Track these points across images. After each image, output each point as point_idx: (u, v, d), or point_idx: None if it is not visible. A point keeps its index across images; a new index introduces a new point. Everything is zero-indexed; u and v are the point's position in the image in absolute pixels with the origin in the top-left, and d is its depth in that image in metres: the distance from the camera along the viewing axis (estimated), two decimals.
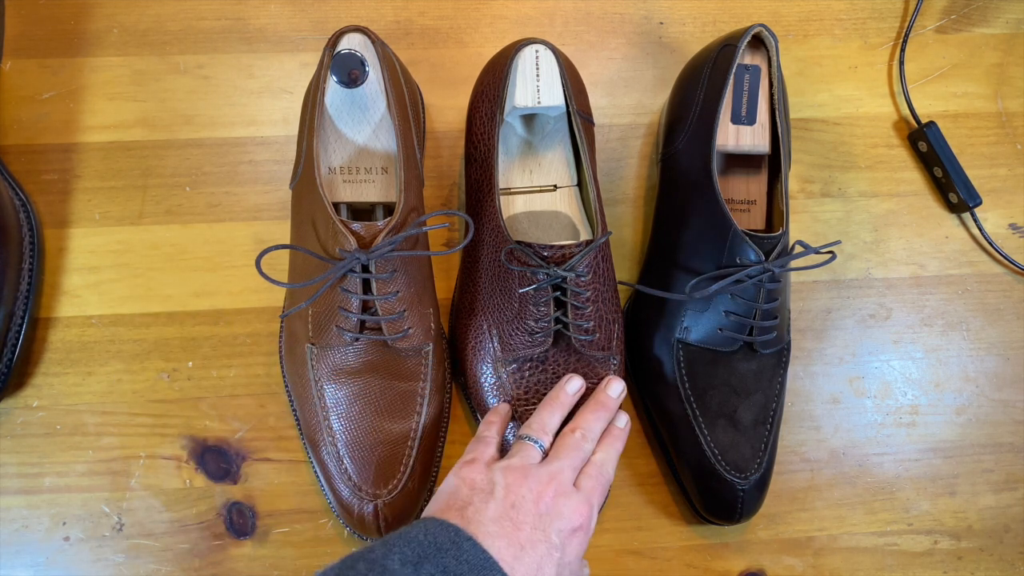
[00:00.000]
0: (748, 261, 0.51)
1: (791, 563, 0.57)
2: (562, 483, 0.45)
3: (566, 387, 0.51)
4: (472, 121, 0.56)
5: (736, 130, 0.56)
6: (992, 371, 0.61)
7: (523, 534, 0.42)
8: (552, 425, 0.50)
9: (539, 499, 0.44)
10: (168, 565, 0.54)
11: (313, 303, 0.50)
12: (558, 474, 0.46)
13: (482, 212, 0.54)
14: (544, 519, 0.43)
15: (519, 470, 0.45)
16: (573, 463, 0.47)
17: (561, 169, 0.58)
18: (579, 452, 0.48)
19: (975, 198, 0.61)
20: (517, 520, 0.43)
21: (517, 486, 0.44)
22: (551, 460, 0.47)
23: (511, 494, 0.44)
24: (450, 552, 0.39)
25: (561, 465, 0.46)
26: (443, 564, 0.39)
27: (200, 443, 0.56)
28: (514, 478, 0.45)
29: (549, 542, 0.43)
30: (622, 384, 0.52)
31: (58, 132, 0.59)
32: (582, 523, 0.45)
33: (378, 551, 0.39)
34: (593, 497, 0.46)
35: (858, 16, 0.66)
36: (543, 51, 0.53)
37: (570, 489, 0.46)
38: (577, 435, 0.49)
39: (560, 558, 0.43)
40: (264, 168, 0.60)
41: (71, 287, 0.57)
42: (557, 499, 0.44)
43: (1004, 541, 0.58)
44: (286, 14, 0.63)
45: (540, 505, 0.44)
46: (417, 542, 0.40)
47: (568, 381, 0.52)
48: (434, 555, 0.39)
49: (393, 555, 0.39)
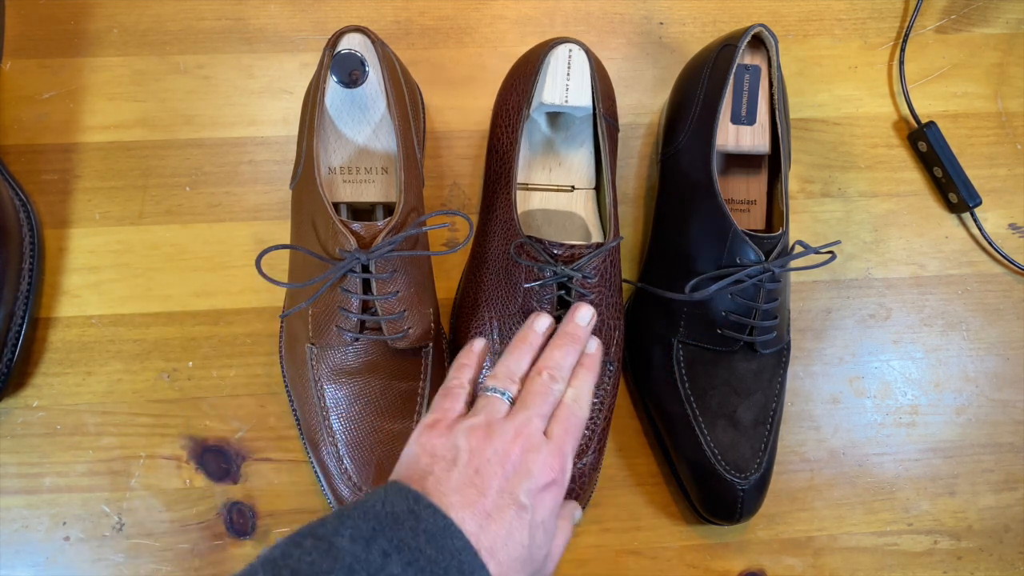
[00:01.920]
0: (748, 261, 0.51)
1: (791, 563, 0.57)
2: (530, 436, 0.43)
3: (534, 326, 0.49)
4: (498, 112, 0.57)
5: (736, 130, 0.56)
6: (992, 371, 0.61)
7: (489, 501, 0.40)
8: (519, 371, 0.47)
9: (505, 459, 0.41)
10: (168, 565, 0.54)
11: (313, 303, 0.50)
12: (525, 427, 0.43)
13: (496, 204, 0.54)
14: (511, 480, 0.41)
15: (482, 429, 0.43)
16: (541, 410, 0.44)
17: (581, 170, 0.58)
18: (548, 396, 0.45)
19: (975, 198, 0.61)
20: (482, 486, 0.40)
21: (481, 449, 0.42)
22: (517, 411, 0.44)
23: (475, 458, 0.41)
24: (407, 523, 0.37)
25: (528, 415, 0.44)
26: (398, 537, 0.37)
27: (200, 443, 0.56)
28: (477, 440, 0.42)
29: (518, 504, 0.40)
30: (591, 310, 0.50)
31: (58, 132, 0.59)
32: (554, 477, 0.42)
33: (330, 525, 0.37)
34: (566, 444, 0.44)
35: (858, 16, 0.66)
36: (576, 51, 0.53)
37: (539, 441, 0.43)
38: (544, 376, 0.46)
39: (531, 519, 0.41)
40: (264, 168, 0.60)
41: (71, 287, 0.57)
42: (525, 455, 0.42)
43: (1004, 541, 0.58)
44: (286, 14, 0.63)
45: (507, 466, 0.41)
46: (373, 513, 0.38)
47: (536, 319, 0.49)
48: (389, 527, 0.37)
49: (344, 530, 0.37)
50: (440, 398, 0.46)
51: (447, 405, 0.46)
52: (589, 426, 0.52)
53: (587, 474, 0.52)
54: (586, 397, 0.47)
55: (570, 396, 0.46)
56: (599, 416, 0.53)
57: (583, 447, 0.52)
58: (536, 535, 0.41)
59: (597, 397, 0.53)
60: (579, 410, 0.46)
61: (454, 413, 0.45)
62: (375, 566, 0.35)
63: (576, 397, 0.46)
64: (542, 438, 0.43)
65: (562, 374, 0.46)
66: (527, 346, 0.48)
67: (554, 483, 0.42)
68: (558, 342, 0.48)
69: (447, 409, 0.45)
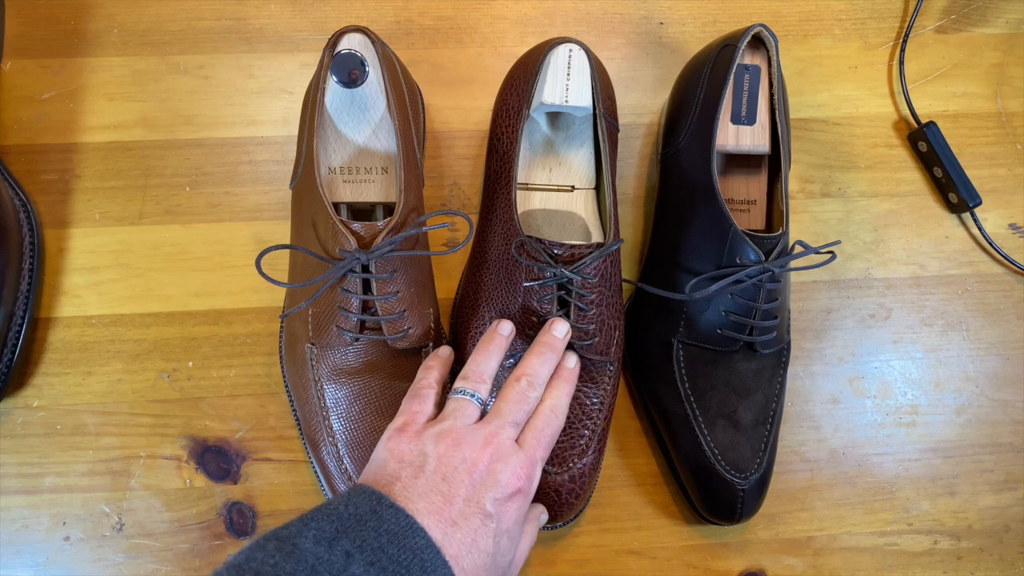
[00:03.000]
0: (748, 261, 0.51)
1: (791, 563, 0.57)
2: (500, 445, 0.43)
3: (499, 329, 0.49)
4: (498, 112, 0.57)
5: (736, 130, 0.56)
6: (992, 371, 0.61)
7: (454, 508, 0.40)
8: (489, 371, 0.47)
9: (473, 467, 0.42)
10: (168, 565, 0.54)
11: (313, 303, 0.50)
12: (495, 436, 0.43)
13: (497, 204, 0.54)
14: (478, 488, 0.41)
15: (451, 435, 0.43)
16: (515, 418, 0.45)
17: (581, 170, 0.58)
18: (523, 404, 0.45)
19: (975, 198, 0.61)
20: (448, 494, 0.40)
21: (449, 456, 0.42)
22: (491, 418, 0.44)
23: (442, 466, 0.41)
24: (369, 524, 0.38)
25: (502, 423, 0.44)
26: (361, 538, 0.37)
27: (200, 443, 0.56)
28: (446, 447, 0.42)
29: (484, 513, 0.41)
30: (566, 324, 0.50)
31: (58, 132, 0.59)
32: (520, 486, 0.42)
33: (294, 527, 0.37)
34: (536, 453, 0.44)
35: (858, 16, 0.66)
36: (576, 51, 0.53)
37: (509, 450, 0.43)
38: (523, 383, 0.46)
39: (496, 527, 0.41)
40: (264, 168, 0.60)
41: (71, 287, 0.57)
42: (494, 465, 0.42)
43: (1004, 541, 0.58)
44: (286, 14, 0.63)
45: (474, 474, 0.41)
46: (336, 515, 0.38)
47: (500, 323, 0.50)
48: (352, 528, 0.37)
49: (308, 532, 0.37)
50: (408, 400, 0.46)
51: (416, 407, 0.46)
52: (589, 426, 0.52)
53: (587, 474, 0.52)
54: (562, 407, 0.47)
55: (547, 405, 0.47)
56: (599, 416, 0.53)
57: (583, 447, 0.52)
58: (500, 542, 0.42)
59: (597, 397, 0.53)
60: (554, 420, 0.46)
61: (423, 416, 0.45)
62: (337, 567, 0.36)
63: (553, 407, 0.47)
64: (512, 446, 0.44)
65: (539, 381, 0.47)
66: (495, 347, 0.48)
67: (519, 492, 0.43)
68: (536, 350, 0.48)
69: (416, 412, 0.45)
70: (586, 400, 0.52)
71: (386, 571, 0.36)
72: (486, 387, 0.47)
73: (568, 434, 0.51)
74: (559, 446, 0.51)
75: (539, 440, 0.45)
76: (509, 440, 0.44)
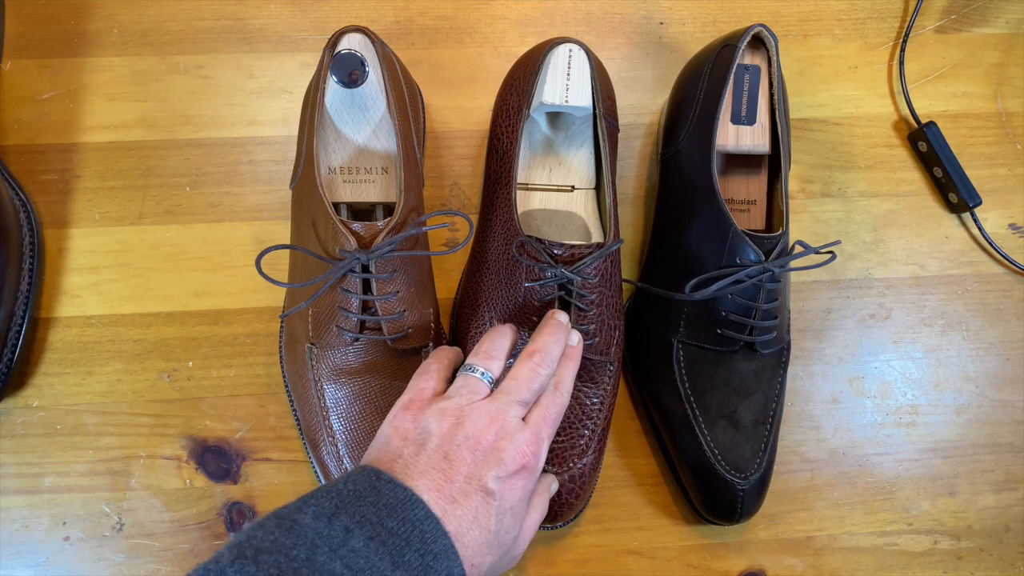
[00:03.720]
0: (748, 261, 0.51)
1: (791, 563, 0.57)
2: (505, 423, 0.42)
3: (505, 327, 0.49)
4: (498, 112, 0.57)
5: (736, 130, 0.56)
6: (992, 371, 0.61)
7: (455, 486, 0.40)
8: (501, 349, 0.47)
9: (476, 444, 0.41)
10: (168, 565, 0.54)
11: (313, 303, 0.50)
12: (501, 414, 0.43)
13: (497, 204, 0.54)
14: (480, 466, 0.41)
15: (455, 413, 0.42)
16: (524, 396, 0.44)
17: (581, 171, 0.58)
18: (533, 383, 0.45)
19: (975, 198, 0.61)
20: (449, 471, 0.40)
21: (452, 433, 0.41)
22: (498, 395, 0.44)
23: (444, 443, 0.41)
24: (368, 499, 0.38)
25: (509, 400, 0.43)
26: (360, 513, 0.37)
27: (200, 443, 0.56)
28: (449, 424, 0.42)
29: (485, 490, 0.40)
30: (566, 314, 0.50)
31: (58, 132, 0.59)
32: (525, 462, 0.42)
33: (294, 505, 0.38)
34: (543, 430, 0.44)
35: (858, 16, 0.66)
36: (576, 51, 0.53)
37: (514, 428, 0.43)
38: (535, 359, 0.45)
39: (499, 505, 0.41)
40: (264, 168, 0.60)
41: (71, 287, 0.57)
42: (498, 442, 0.42)
43: (1004, 541, 0.58)
44: (286, 14, 0.63)
45: (477, 452, 0.41)
46: (336, 492, 0.38)
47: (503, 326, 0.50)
48: (351, 504, 0.37)
49: (307, 508, 0.37)
50: (415, 377, 0.46)
51: (422, 384, 0.45)
52: (589, 426, 0.52)
53: (587, 474, 0.52)
54: (568, 385, 0.47)
55: (553, 383, 0.46)
56: (599, 416, 0.53)
57: (583, 447, 0.52)
58: (504, 519, 0.41)
59: (597, 397, 0.53)
60: (560, 397, 0.46)
61: (428, 392, 0.45)
62: (337, 541, 0.36)
63: (558, 384, 0.46)
64: (519, 424, 0.43)
65: (551, 359, 0.46)
66: (508, 328, 0.49)
67: (524, 468, 0.42)
68: (547, 329, 0.48)
69: (422, 388, 0.45)
70: (586, 400, 0.52)
71: (385, 544, 0.36)
72: (498, 364, 0.46)
73: (568, 434, 0.51)
74: (559, 446, 0.51)
75: (545, 417, 0.45)
76: (515, 419, 0.43)
